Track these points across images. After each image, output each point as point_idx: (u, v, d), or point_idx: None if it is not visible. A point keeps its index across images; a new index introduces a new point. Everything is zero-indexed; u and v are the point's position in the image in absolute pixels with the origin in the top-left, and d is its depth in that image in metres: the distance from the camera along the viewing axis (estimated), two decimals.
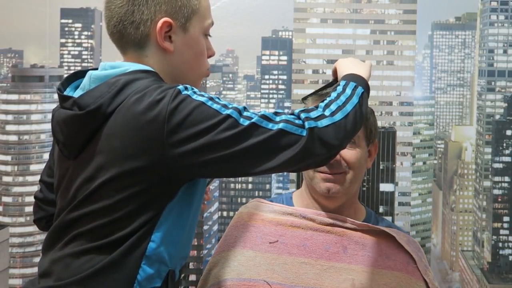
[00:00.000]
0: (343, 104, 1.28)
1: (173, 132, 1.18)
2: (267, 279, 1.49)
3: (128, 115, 1.21)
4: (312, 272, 1.49)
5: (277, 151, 1.21)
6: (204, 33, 1.36)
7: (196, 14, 1.33)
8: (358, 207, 1.62)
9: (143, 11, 1.29)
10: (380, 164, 65.32)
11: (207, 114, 1.19)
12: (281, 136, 1.20)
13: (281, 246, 1.53)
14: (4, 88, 77.52)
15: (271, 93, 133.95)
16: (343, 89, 1.32)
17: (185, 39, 1.32)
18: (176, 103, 1.19)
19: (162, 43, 1.30)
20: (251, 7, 56.72)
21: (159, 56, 1.32)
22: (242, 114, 1.21)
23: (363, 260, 1.51)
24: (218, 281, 1.53)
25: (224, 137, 1.19)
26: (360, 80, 1.36)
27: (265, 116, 1.21)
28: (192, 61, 1.35)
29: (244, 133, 1.19)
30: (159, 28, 1.29)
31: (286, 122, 1.21)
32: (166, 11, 1.30)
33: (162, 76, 1.31)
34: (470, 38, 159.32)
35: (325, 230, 1.54)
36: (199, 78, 1.38)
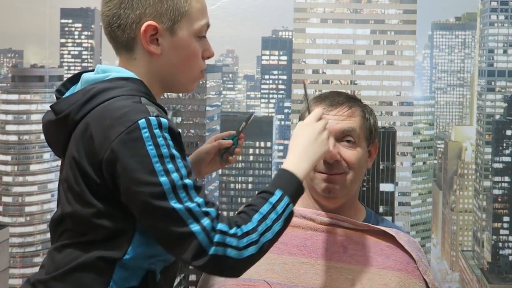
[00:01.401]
0: (264, 231, 1.23)
1: (109, 162, 1.19)
2: (267, 279, 1.49)
3: (88, 127, 1.24)
4: (312, 272, 1.49)
5: (176, 246, 1.19)
6: (197, 35, 1.34)
7: (184, 17, 1.32)
8: (358, 207, 1.62)
9: (128, 14, 1.30)
10: (380, 164, 65.30)
11: (145, 168, 1.18)
12: (189, 238, 1.17)
13: (281, 246, 1.52)
14: (4, 88, 77.49)
15: (271, 93, 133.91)
16: (274, 206, 1.26)
17: (173, 42, 1.32)
18: (126, 138, 1.19)
19: (147, 46, 1.30)
20: (251, 7, 56.23)
21: (147, 59, 1.32)
22: (176, 191, 1.18)
23: (363, 260, 1.51)
24: (218, 281, 1.52)
25: (144, 200, 1.18)
26: (295, 187, 1.31)
27: (191, 211, 1.18)
28: (181, 64, 1.33)
29: (162, 211, 1.18)
30: (143, 32, 1.29)
31: (203, 231, 1.18)
32: (152, 14, 1.29)
33: (150, 79, 1.32)
34: (470, 38, 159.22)
35: (325, 230, 1.54)
36: (191, 81, 1.37)
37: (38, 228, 72.42)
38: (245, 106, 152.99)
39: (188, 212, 1.18)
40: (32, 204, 72.46)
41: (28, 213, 72.81)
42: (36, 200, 72.62)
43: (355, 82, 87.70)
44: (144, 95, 1.28)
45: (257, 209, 1.24)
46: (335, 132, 1.52)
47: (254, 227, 1.21)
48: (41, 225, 72.27)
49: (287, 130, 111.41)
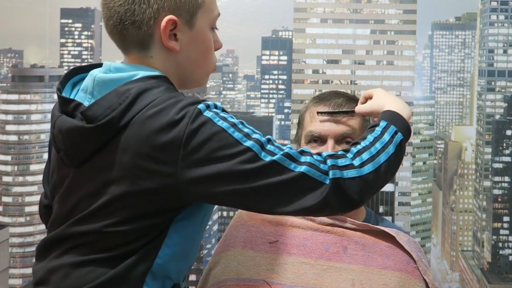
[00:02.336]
0: (377, 153, 1.19)
1: (189, 157, 1.12)
2: (267, 279, 1.48)
3: (143, 131, 1.14)
4: (312, 272, 1.49)
5: (294, 196, 1.14)
6: (211, 27, 1.28)
7: (201, 8, 1.25)
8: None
9: (144, 10, 1.20)
10: None
11: (227, 143, 1.12)
12: (302, 180, 1.13)
13: (281, 246, 1.52)
14: (4, 88, 77.52)
15: (271, 93, 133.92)
16: (382, 132, 1.23)
17: (192, 35, 1.24)
18: (195, 126, 1.12)
19: (167, 42, 1.22)
20: (251, 7, 56.17)
21: (164, 56, 1.24)
22: (264, 147, 1.13)
23: (363, 260, 1.51)
24: (218, 281, 1.52)
25: (241, 170, 1.12)
26: (402, 123, 1.27)
27: (288, 155, 1.13)
28: (199, 59, 1.27)
29: (263, 169, 1.12)
30: (163, 27, 1.20)
31: (310, 166, 1.13)
32: (170, 7, 1.21)
33: (169, 77, 1.24)
34: (470, 38, 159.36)
35: (325, 230, 1.53)
36: (206, 75, 1.32)
37: (38, 228, 72.42)
38: (245, 106, 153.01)
39: (287, 156, 1.13)
40: (32, 204, 72.46)
41: (28, 213, 72.84)
42: (36, 200, 72.36)
43: (355, 82, 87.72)
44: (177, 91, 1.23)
45: (363, 138, 1.22)
46: (334, 135, 1.52)
47: (365, 146, 1.19)
48: (41, 225, 72.15)
49: (287, 130, 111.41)
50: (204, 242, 68.46)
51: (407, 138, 1.26)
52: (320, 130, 1.52)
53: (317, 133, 1.52)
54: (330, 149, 1.50)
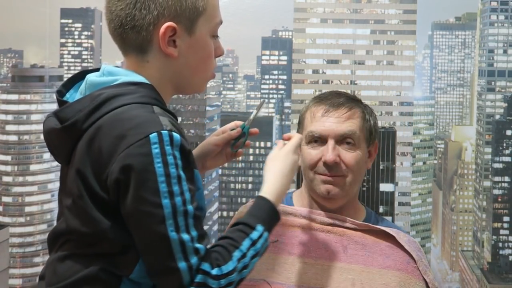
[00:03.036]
0: (245, 268, 1.19)
1: (115, 175, 1.13)
2: (267, 278, 1.49)
3: (96, 137, 1.16)
4: (312, 272, 1.49)
5: (158, 274, 1.15)
6: (212, 34, 1.28)
7: (202, 15, 1.25)
8: (358, 207, 1.61)
9: (144, 16, 1.21)
10: (380, 164, 65.29)
11: (150, 187, 1.12)
12: (173, 274, 1.12)
13: (281, 246, 1.53)
14: (4, 88, 77.47)
15: (271, 93, 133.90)
16: (255, 241, 1.21)
17: (191, 42, 1.24)
18: (134, 152, 1.12)
19: (166, 49, 1.22)
20: (251, 7, 56.41)
21: (161, 61, 1.24)
22: (176, 216, 1.12)
23: (363, 260, 1.51)
24: None
25: (140, 219, 1.13)
26: (273, 219, 1.27)
27: (183, 244, 1.12)
28: (198, 65, 1.27)
29: (155, 236, 1.12)
30: (162, 34, 1.21)
31: (188, 271, 1.12)
32: (170, 14, 1.21)
33: (163, 83, 1.25)
34: (470, 38, 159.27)
35: (325, 229, 1.54)
36: (204, 82, 1.32)
37: (38, 228, 72.41)
38: (245, 106, 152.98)
39: (181, 245, 1.12)
40: (32, 204, 72.45)
41: (28, 213, 72.80)
42: (36, 200, 72.59)
43: (355, 82, 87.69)
44: (156, 102, 1.20)
45: (238, 246, 1.19)
46: (335, 135, 1.52)
47: (235, 267, 1.17)
48: (41, 225, 72.28)
49: (287, 130, 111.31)
50: None
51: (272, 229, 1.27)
52: (321, 131, 1.52)
53: (317, 133, 1.52)
54: (330, 149, 1.51)
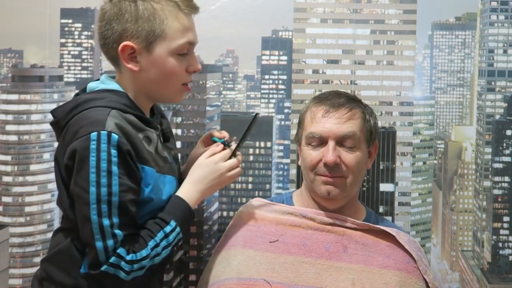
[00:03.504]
0: (154, 256, 1.39)
1: (65, 162, 1.38)
2: (267, 278, 1.49)
3: (66, 133, 1.40)
4: (312, 272, 1.50)
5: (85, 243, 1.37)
6: (175, 54, 1.43)
7: (160, 37, 1.41)
8: (358, 207, 1.62)
9: (111, 34, 1.42)
10: (380, 164, 65.26)
11: (83, 175, 1.34)
12: (92, 249, 1.35)
13: (281, 246, 1.53)
14: (4, 88, 77.39)
15: (271, 93, 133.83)
16: (167, 234, 1.41)
17: (151, 59, 1.42)
18: (77, 145, 1.35)
19: (126, 64, 1.42)
20: (251, 7, 56.90)
21: (129, 74, 1.44)
22: (99, 204, 1.33)
23: (363, 260, 1.51)
24: (218, 280, 1.53)
25: (75, 199, 1.36)
26: (187, 217, 1.45)
27: (102, 229, 1.33)
28: (160, 80, 1.44)
29: (81, 214, 1.35)
30: (120, 51, 1.41)
31: (104, 250, 1.33)
32: (130, 34, 1.40)
33: (136, 92, 1.46)
34: (470, 38, 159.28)
35: (325, 229, 1.54)
36: (174, 94, 1.48)
37: (38, 228, 72.33)
38: (245, 106, 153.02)
39: (100, 227, 1.33)
40: (32, 204, 72.32)
41: (28, 213, 72.70)
42: (36, 200, 72.50)
43: (355, 82, 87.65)
44: (123, 106, 1.41)
45: (153, 236, 1.39)
46: (335, 136, 1.52)
47: (148, 254, 1.37)
48: (41, 225, 72.19)
49: (287, 130, 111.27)
50: (204, 242, 68.39)
51: (186, 226, 1.46)
52: (321, 132, 1.52)
53: (318, 134, 1.52)
54: (331, 150, 1.51)
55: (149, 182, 1.42)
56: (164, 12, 1.42)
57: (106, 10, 1.44)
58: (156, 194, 1.44)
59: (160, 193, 1.45)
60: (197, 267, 63.27)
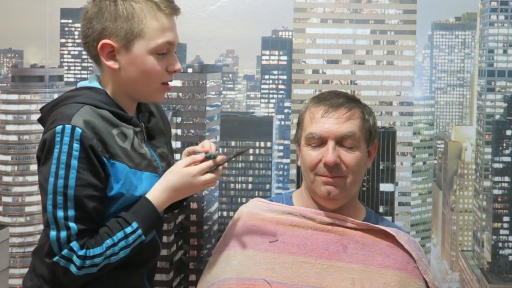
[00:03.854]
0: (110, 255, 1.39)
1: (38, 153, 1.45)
2: (267, 278, 1.50)
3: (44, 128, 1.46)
4: (312, 271, 1.50)
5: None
6: (155, 53, 1.45)
7: (139, 36, 1.44)
8: (358, 207, 1.62)
9: (91, 33, 1.45)
10: (380, 164, 65.25)
11: (46, 165, 1.40)
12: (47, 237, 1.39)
13: (281, 245, 1.54)
14: (4, 88, 77.31)
15: (271, 93, 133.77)
16: (127, 235, 1.41)
17: (129, 58, 1.45)
18: (46, 137, 1.41)
19: (105, 62, 1.45)
20: (251, 7, 57.28)
21: (109, 72, 1.48)
22: (55, 195, 1.37)
23: (363, 259, 1.52)
24: (218, 280, 1.53)
25: (39, 184, 1.43)
26: (151, 220, 1.45)
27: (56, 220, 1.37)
28: (139, 79, 1.47)
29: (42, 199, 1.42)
30: (100, 49, 1.45)
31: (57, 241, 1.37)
32: (109, 33, 1.44)
33: (116, 90, 1.48)
34: (470, 38, 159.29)
35: (325, 229, 1.54)
36: (153, 92, 1.50)
37: (38, 228, 72.27)
38: (245, 106, 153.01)
39: (54, 218, 1.37)
40: (32, 204, 72.25)
41: (28, 213, 72.65)
42: (36, 200, 72.38)
43: (355, 82, 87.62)
44: (99, 102, 1.44)
45: (111, 235, 1.40)
46: (335, 136, 1.52)
47: (102, 252, 1.38)
48: (41, 225, 71.34)
49: (287, 130, 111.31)
50: (204, 242, 68.39)
51: (150, 229, 1.46)
52: (321, 132, 1.53)
53: (317, 134, 1.53)
54: (330, 150, 1.51)
55: (119, 177, 1.43)
56: (143, 12, 1.44)
57: (88, 9, 1.47)
58: (128, 190, 1.44)
59: (133, 189, 1.45)
60: (197, 267, 63.25)
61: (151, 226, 1.45)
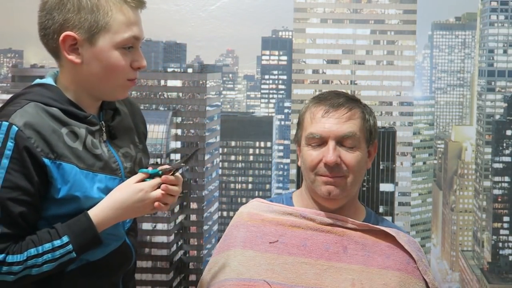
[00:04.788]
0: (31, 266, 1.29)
1: None
2: (267, 279, 1.49)
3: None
4: (312, 272, 1.49)
5: None
6: (120, 47, 1.38)
7: (104, 29, 1.36)
8: (358, 207, 1.61)
9: (51, 25, 1.36)
10: (380, 164, 65.28)
11: None
12: None
13: (281, 246, 1.52)
14: (4, 88, 77.37)
15: (271, 93, 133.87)
16: (55, 248, 1.31)
17: (93, 52, 1.36)
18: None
19: (66, 55, 1.36)
20: (251, 7, 57.28)
21: (70, 67, 1.38)
22: None
23: (363, 260, 1.51)
24: (218, 281, 1.52)
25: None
26: (85, 238, 1.34)
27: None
28: (102, 73, 1.37)
29: None
30: (61, 41, 1.35)
31: None
32: (72, 25, 1.34)
33: (76, 87, 1.39)
34: (470, 38, 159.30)
35: (325, 230, 1.53)
36: (117, 89, 1.41)
37: None
38: (245, 106, 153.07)
39: None
40: None
41: None
42: None
43: (355, 82, 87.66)
44: (48, 100, 1.36)
45: (37, 245, 1.30)
46: (335, 136, 1.51)
47: (22, 260, 1.28)
48: None
49: (287, 130, 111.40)
50: (204, 242, 68.41)
51: (86, 249, 1.34)
52: (321, 132, 1.51)
53: (318, 134, 1.51)
54: (331, 150, 1.50)
55: (67, 179, 1.34)
56: (108, 4, 1.36)
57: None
58: (81, 191, 1.35)
59: (87, 191, 1.36)
60: (197, 267, 63.24)
61: (86, 245, 1.34)
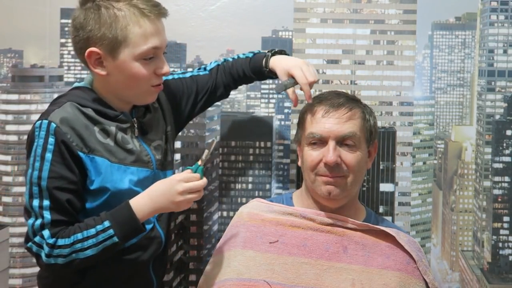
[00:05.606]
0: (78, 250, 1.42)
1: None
2: (267, 279, 1.49)
3: None
4: (312, 272, 1.49)
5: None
6: (140, 58, 1.47)
7: (123, 44, 1.45)
8: (358, 207, 1.61)
9: (78, 41, 1.48)
10: (380, 164, 64.92)
11: (27, 158, 1.46)
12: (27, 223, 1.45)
13: (281, 246, 1.52)
14: (4, 88, 76.90)
15: (271, 93, 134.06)
16: (98, 232, 1.43)
17: (116, 64, 1.47)
18: (30, 132, 1.47)
19: (93, 69, 1.48)
20: (251, 7, 58.43)
21: (99, 76, 1.50)
22: (31, 185, 1.43)
23: (363, 260, 1.51)
24: (218, 281, 1.53)
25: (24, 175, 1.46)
26: (126, 224, 1.44)
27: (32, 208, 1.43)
28: (127, 83, 1.49)
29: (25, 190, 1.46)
30: (87, 57, 1.47)
31: (32, 227, 1.43)
32: (95, 41, 1.45)
33: (106, 92, 1.52)
34: (470, 38, 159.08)
35: (325, 230, 1.53)
36: (144, 95, 1.52)
37: None
38: (245, 106, 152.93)
39: (30, 207, 1.43)
40: None
41: None
42: None
43: (355, 82, 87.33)
44: (83, 100, 1.50)
45: (83, 229, 1.44)
46: (336, 136, 1.51)
47: (69, 243, 1.42)
48: None
49: (287, 130, 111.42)
50: (204, 242, 68.36)
51: (129, 237, 1.45)
52: (322, 132, 1.51)
53: (318, 134, 1.52)
54: (331, 150, 1.50)
55: (100, 171, 1.47)
56: (125, 19, 1.45)
57: (75, 16, 1.49)
58: (112, 183, 1.48)
59: (117, 183, 1.49)
60: (197, 267, 63.06)
61: (128, 231, 1.44)
